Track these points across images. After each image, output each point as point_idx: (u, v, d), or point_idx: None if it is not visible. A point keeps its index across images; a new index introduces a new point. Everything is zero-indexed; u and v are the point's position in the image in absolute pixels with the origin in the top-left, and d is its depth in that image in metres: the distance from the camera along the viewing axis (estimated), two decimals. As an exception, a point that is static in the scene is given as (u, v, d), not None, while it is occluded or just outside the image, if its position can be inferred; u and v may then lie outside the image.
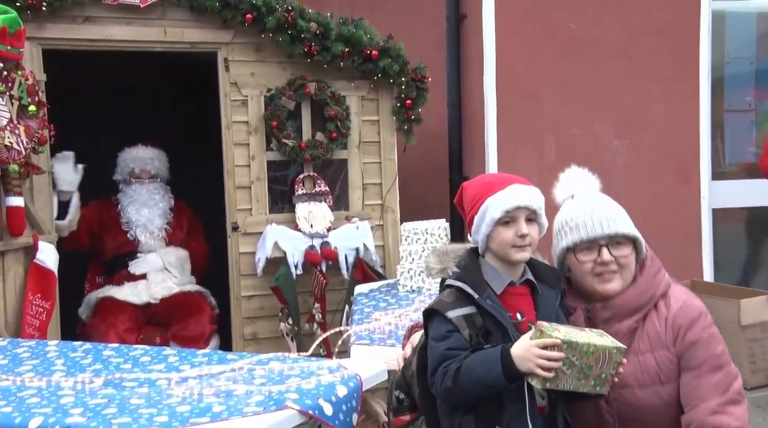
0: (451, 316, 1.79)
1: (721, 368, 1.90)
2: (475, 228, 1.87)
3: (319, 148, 4.18)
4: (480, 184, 1.91)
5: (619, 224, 1.96)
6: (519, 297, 1.86)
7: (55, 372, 2.28)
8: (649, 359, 1.94)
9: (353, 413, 2.04)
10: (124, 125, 5.04)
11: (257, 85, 4.17)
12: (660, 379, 1.92)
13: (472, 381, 1.71)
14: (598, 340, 1.73)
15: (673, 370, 1.92)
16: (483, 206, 1.84)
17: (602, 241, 1.95)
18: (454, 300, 1.82)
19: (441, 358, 1.78)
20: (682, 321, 1.93)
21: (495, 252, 1.86)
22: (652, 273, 2.00)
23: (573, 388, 1.73)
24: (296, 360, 2.33)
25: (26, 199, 3.50)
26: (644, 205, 4.86)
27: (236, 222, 4.16)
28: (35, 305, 3.47)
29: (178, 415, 1.84)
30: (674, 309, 1.95)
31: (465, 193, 1.94)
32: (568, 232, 1.98)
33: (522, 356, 1.68)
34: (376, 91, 4.33)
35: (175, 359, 2.41)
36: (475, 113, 4.96)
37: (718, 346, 1.93)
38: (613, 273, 1.96)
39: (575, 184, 2.06)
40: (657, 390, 1.92)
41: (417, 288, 3.62)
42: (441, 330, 1.80)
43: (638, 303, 1.97)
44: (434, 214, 4.22)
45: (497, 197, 1.83)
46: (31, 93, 3.38)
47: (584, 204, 2.00)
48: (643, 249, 2.01)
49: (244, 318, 4.19)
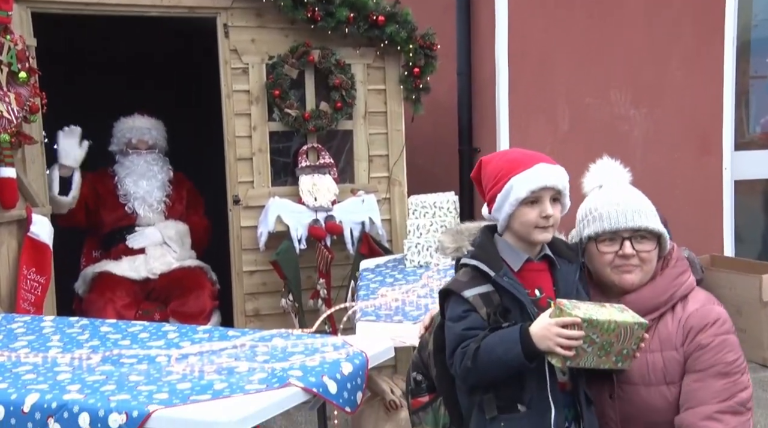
0: (467, 296, 1.78)
1: (728, 376, 1.85)
2: (497, 207, 1.84)
3: (323, 118, 4.08)
4: (503, 161, 1.87)
5: (644, 218, 1.93)
6: (537, 273, 1.85)
7: (52, 348, 2.27)
8: (657, 358, 1.91)
9: (358, 391, 2.02)
10: (120, 95, 4.94)
11: (258, 52, 4.06)
12: (665, 379, 1.90)
13: (491, 361, 1.71)
14: (619, 316, 1.70)
15: (679, 371, 1.90)
16: (508, 184, 1.81)
17: (625, 234, 1.93)
18: (469, 279, 1.81)
19: (459, 339, 1.77)
20: (694, 323, 1.90)
21: (516, 232, 1.83)
22: (673, 275, 1.97)
23: (594, 365, 1.72)
24: (300, 337, 2.32)
25: (18, 170, 3.42)
26: (662, 177, 4.78)
27: (237, 195, 4.08)
28: (30, 279, 3.41)
29: (179, 392, 1.81)
30: (690, 310, 1.92)
31: (486, 168, 1.90)
32: (591, 222, 1.97)
33: (541, 335, 1.68)
34: (382, 59, 4.23)
35: (174, 335, 2.39)
36: (485, 82, 4.87)
37: (730, 354, 1.87)
38: (634, 266, 1.94)
39: (605, 174, 2.04)
40: (661, 391, 1.90)
41: (424, 263, 3.58)
42: (458, 311, 1.80)
43: (654, 303, 1.94)
44: (443, 186, 4.16)
45: (523, 176, 1.80)
46: (21, 59, 3.28)
47: (611, 195, 1.98)
48: (666, 246, 1.99)
49: (246, 294, 4.13)
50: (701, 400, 1.83)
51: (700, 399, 1.83)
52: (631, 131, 4.85)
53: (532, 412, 1.74)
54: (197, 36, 4.46)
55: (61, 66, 4.52)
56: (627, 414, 1.91)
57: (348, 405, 1.95)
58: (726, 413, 1.81)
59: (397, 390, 2.84)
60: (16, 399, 1.82)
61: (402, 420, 2.77)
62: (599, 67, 4.80)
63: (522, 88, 4.75)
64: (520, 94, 4.75)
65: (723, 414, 1.81)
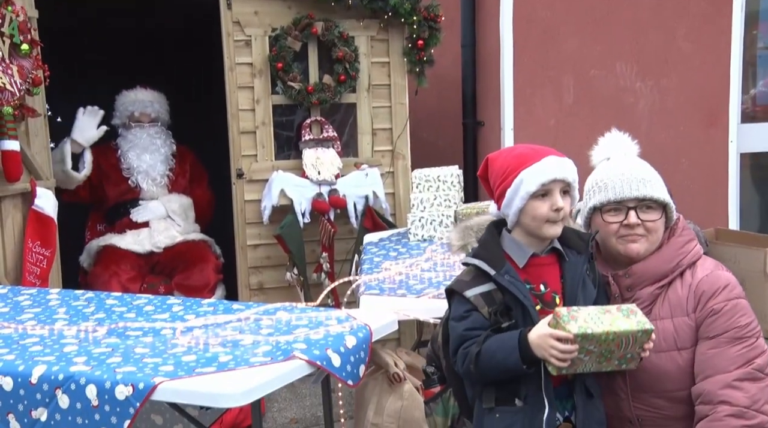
0: (469, 295, 1.80)
1: (742, 340, 1.85)
2: (507, 202, 1.83)
3: (326, 91, 4.05)
4: (511, 156, 1.86)
5: (649, 187, 1.93)
6: (544, 267, 1.85)
7: (58, 321, 2.28)
8: (668, 325, 1.90)
9: (361, 364, 2.02)
10: (122, 67, 4.91)
11: (261, 24, 4.02)
12: (676, 345, 1.89)
13: (491, 366, 1.74)
14: (620, 325, 1.68)
15: (690, 336, 1.89)
16: (517, 179, 1.80)
17: (630, 204, 1.93)
18: (472, 278, 1.82)
19: (460, 339, 1.80)
20: (705, 288, 1.89)
21: (526, 227, 1.82)
22: (679, 243, 1.96)
23: (595, 370, 1.74)
24: (304, 310, 2.32)
25: (22, 143, 3.41)
26: (668, 149, 4.74)
27: (241, 168, 4.06)
28: (35, 252, 3.42)
29: (184, 365, 1.82)
30: (699, 276, 1.92)
31: (493, 164, 1.89)
32: (596, 192, 1.97)
33: (538, 344, 1.69)
34: (386, 31, 4.18)
35: (179, 308, 2.39)
36: (490, 54, 4.80)
37: (743, 318, 1.87)
38: (639, 236, 1.94)
39: (612, 147, 2.04)
40: (673, 356, 1.89)
41: (428, 237, 3.57)
42: (460, 310, 1.82)
43: (661, 271, 1.93)
44: (446, 160, 4.14)
45: (533, 170, 1.79)
46: (23, 30, 3.25)
47: (617, 166, 1.98)
48: (673, 216, 1.98)
49: (250, 268, 4.14)
50: (718, 368, 1.81)
51: (717, 367, 1.82)
52: (636, 103, 4.80)
53: (527, 408, 1.77)
54: (199, 8, 4.41)
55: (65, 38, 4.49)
56: (638, 382, 1.91)
57: (351, 378, 1.96)
58: (745, 380, 1.80)
59: (400, 363, 2.85)
60: (24, 370, 1.83)
61: (405, 393, 2.78)
62: (605, 39, 4.72)
63: (527, 61, 4.69)
64: (524, 66, 4.69)
65: (742, 382, 1.80)
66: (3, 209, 3.37)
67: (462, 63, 4.89)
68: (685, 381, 1.88)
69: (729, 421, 1.77)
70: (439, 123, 4.95)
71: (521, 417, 1.77)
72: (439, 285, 2.60)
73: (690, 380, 1.88)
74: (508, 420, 1.77)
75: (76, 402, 1.76)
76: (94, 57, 5.09)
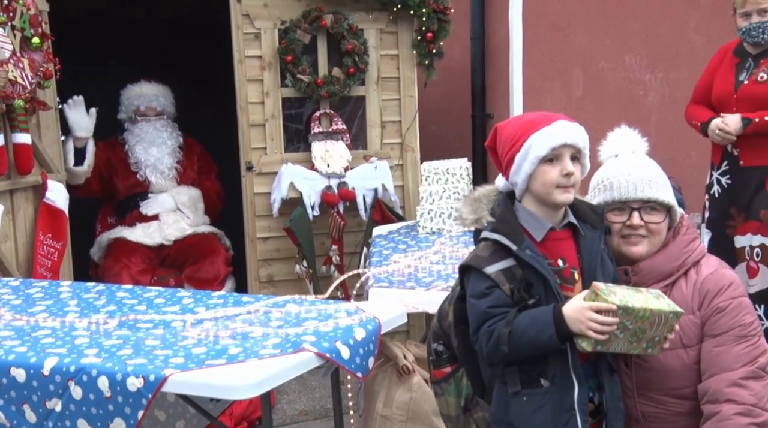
0: (489, 272, 1.73)
1: (746, 338, 1.86)
2: (516, 168, 1.77)
3: (335, 84, 4.05)
4: (521, 122, 1.82)
5: (654, 190, 1.92)
6: (560, 241, 1.80)
7: (69, 313, 2.29)
8: None
9: (370, 357, 2.02)
10: (132, 58, 4.92)
11: (271, 17, 4.02)
12: (682, 343, 1.89)
13: (523, 344, 1.68)
14: (654, 304, 1.68)
15: (696, 334, 1.89)
16: (526, 143, 1.74)
17: (634, 205, 1.92)
18: (491, 253, 1.75)
19: (484, 316, 1.74)
20: (710, 286, 1.90)
21: (537, 194, 1.77)
22: (685, 241, 1.96)
23: (624, 351, 1.72)
24: (313, 302, 2.33)
25: (33, 136, 3.43)
26: (677, 142, 4.71)
27: (250, 161, 4.07)
28: (46, 245, 3.44)
29: (194, 357, 1.83)
30: (704, 274, 1.92)
31: (501, 133, 1.84)
32: (602, 190, 1.96)
33: (575, 317, 1.65)
34: (395, 24, 4.17)
35: (189, 301, 2.40)
36: (499, 46, 4.78)
37: (747, 317, 1.88)
38: (641, 237, 1.93)
39: (621, 143, 2.02)
40: (679, 354, 1.90)
41: (437, 229, 3.57)
42: (480, 287, 1.75)
43: (667, 269, 1.94)
44: (456, 153, 4.15)
45: (543, 133, 1.74)
46: (33, 24, 3.26)
47: (624, 164, 1.96)
48: (677, 217, 1.99)
49: (260, 261, 4.15)
50: (724, 366, 1.82)
51: (723, 365, 1.83)
52: (645, 96, 4.78)
53: (555, 388, 1.72)
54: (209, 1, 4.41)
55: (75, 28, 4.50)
56: (643, 380, 1.91)
57: (360, 371, 1.96)
58: (749, 378, 1.81)
59: (409, 355, 2.86)
60: (36, 362, 1.85)
61: (414, 385, 2.79)
62: (614, 31, 4.70)
63: (536, 53, 4.67)
64: (534, 59, 4.67)
65: (747, 380, 1.81)
66: (15, 202, 3.39)
67: (471, 55, 4.88)
68: (691, 378, 1.88)
69: (737, 419, 1.77)
70: (448, 115, 4.94)
71: (550, 397, 1.72)
72: (448, 278, 2.60)
73: (695, 377, 1.88)
74: (537, 402, 1.72)
75: (89, 393, 1.77)
76: (104, 48, 5.08)
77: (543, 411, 1.72)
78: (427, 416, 2.77)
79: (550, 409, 1.72)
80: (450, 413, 2.01)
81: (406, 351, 2.87)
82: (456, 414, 1.99)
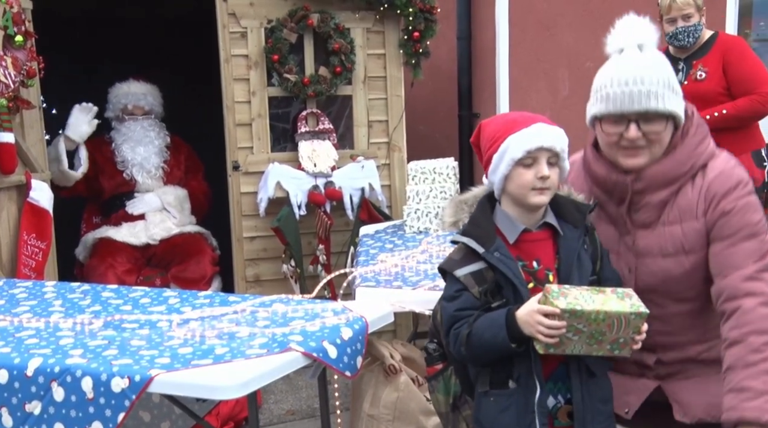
0: (459, 275, 1.76)
1: (756, 236, 1.81)
2: (493, 168, 1.77)
3: (322, 83, 4.04)
4: (501, 122, 1.80)
5: (653, 100, 1.77)
6: (537, 243, 1.78)
7: (54, 313, 2.27)
8: (676, 230, 1.87)
9: (358, 356, 2.02)
10: (118, 59, 4.89)
11: (257, 15, 4.00)
12: (684, 249, 1.86)
13: (481, 346, 1.71)
14: (613, 306, 1.64)
15: (698, 241, 1.85)
16: (504, 144, 1.74)
17: (632, 117, 1.80)
18: (462, 256, 1.78)
19: (451, 320, 1.77)
20: (717, 190, 1.84)
21: (512, 195, 1.77)
22: (693, 144, 1.86)
23: (584, 353, 1.69)
24: (300, 302, 2.33)
25: (17, 135, 3.39)
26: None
27: (237, 161, 4.05)
28: (30, 245, 3.41)
29: (180, 357, 1.82)
30: (710, 178, 1.85)
31: (484, 130, 1.84)
32: (598, 101, 1.84)
33: (525, 320, 1.66)
34: (382, 23, 4.16)
35: (176, 301, 2.39)
36: (486, 46, 4.80)
37: (755, 215, 1.83)
38: (640, 148, 1.83)
39: (627, 35, 1.86)
40: (680, 260, 1.87)
41: (424, 229, 3.57)
42: (450, 291, 1.78)
43: (674, 175, 1.86)
44: (442, 152, 4.13)
45: (520, 136, 1.73)
46: (17, 22, 3.23)
47: (624, 69, 1.80)
48: (681, 121, 1.86)
49: (246, 260, 4.13)
50: (736, 264, 1.79)
51: (735, 264, 1.79)
52: (632, 96, 4.81)
53: (521, 389, 1.73)
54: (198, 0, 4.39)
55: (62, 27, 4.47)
56: (645, 285, 1.88)
57: (348, 370, 1.96)
58: (763, 271, 1.78)
59: (396, 355, 2.87)
60: (20, 363, 1.83)
61: (401, 385, 2.79)
62: (601, 31, 4.67)
63: (522, 53, 4.69)
64: (520, 58, 4.69)
65: (761, 273, 1.78)
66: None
67: (458, 55, 4.89)
68: (691, 283, 1.87)
69: (760, 310, 1.74)
70: (434, 115, 4.94)
71: (515, 400, 1.72)
72: (435, 277, 2.60)
73: (695, 281, 1.87)
74: (503, 403, 1.74)
75: (71, 395, 1.76)
76: (99, 47, 5.06)
77: (509, 412, 1.73)
78: (413, 415, 2.77)
79: (515, 411, 1.72)
80: (441, 410, 2.03)
81: (392, 351, 2.88)
82: (446, 411, 2.01)
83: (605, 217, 1.95)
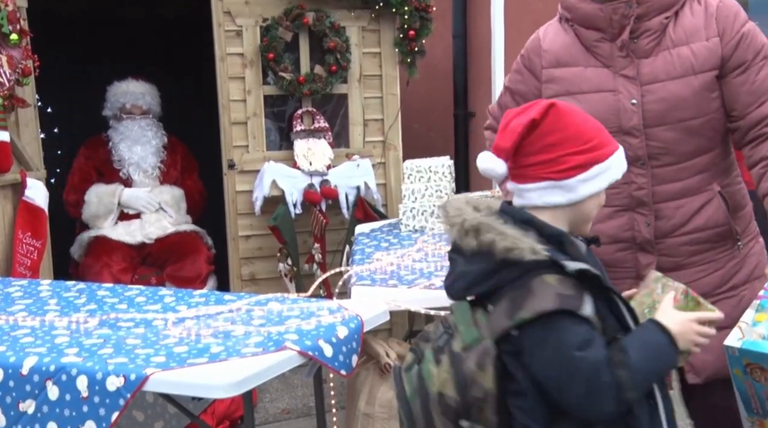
0: (585, 314, 1.36)
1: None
2: (586, 177, 1.42)
3: (317, 81, 4.04)
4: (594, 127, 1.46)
5: None
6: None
7: (49, 312, 2.26)
8: (684, 51, 1.87)
9: (353, 354, 2.02)
10: (115, 58, 4.89)
11: (252, 14, 4.00)
12: (693, 69, 1.86)
13: (645, 380, 1.39)
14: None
15: (708, 59, 1.86)
16: (610, 159, 1.44)
17: None
18: (576, 290, 1.37)
19: (599, 368, 1.34)
20: (726, 12, 1.87)
21: (576, 214, 1.47)
22: None
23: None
24: (296, 301, 2.32)
25: (12, 133, 3.40)
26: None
27: (232, 159, 4.05)
28: (26, 244, 3.41)
29: (176, 356, 1.82)
30: (714, 3, 1.89)
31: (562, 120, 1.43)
32: None
33: (681, 332, 1.40)
34: (377, 22, 4.17)
35: (171, 299, 2.39)
36: (481, 44, 4.81)
37: (762, 37, 1.89)
38: None
39: None
40: (689, 81, 1.86)
41: (420, 227, 3.57)
42: (580, 334, 1.35)
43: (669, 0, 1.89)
44: (438, 151, 4.14)
45: (621, 156, 1.48)
46: (11, 20, 3.23)
47: None
48: None
49: (242, 259, 4.13)
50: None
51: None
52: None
53: None
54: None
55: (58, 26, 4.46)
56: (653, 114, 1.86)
57: (343, 369, 1.95)
58: None
59: (392, 353, 2.87)
60: (15, 362, 1.83)
61: (396, 382, 2.79)
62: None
63: (518, 51, 4.67)
64: (516, 57, 4.69)
65: None
66: (-7, 200, 3.36)
67: (453, 54, 4.90)
68: (700, 106, 1.87)
69: None
70: (430, 114, 4.95)
71: None
72: (431, 276, 2.60)
73: (702, 105, 1.87)
74: None
75: (65, 393, 1.75)
76: (91, 46, 5.05)
77: None
78: (409, 413, 2.77)
79: None
80: None
81: (388, 349, 2.88)
82: None
83: (595, 61, 1.96)
